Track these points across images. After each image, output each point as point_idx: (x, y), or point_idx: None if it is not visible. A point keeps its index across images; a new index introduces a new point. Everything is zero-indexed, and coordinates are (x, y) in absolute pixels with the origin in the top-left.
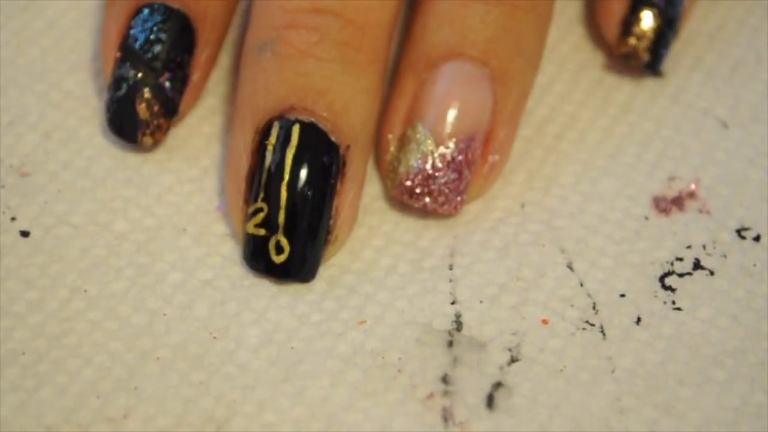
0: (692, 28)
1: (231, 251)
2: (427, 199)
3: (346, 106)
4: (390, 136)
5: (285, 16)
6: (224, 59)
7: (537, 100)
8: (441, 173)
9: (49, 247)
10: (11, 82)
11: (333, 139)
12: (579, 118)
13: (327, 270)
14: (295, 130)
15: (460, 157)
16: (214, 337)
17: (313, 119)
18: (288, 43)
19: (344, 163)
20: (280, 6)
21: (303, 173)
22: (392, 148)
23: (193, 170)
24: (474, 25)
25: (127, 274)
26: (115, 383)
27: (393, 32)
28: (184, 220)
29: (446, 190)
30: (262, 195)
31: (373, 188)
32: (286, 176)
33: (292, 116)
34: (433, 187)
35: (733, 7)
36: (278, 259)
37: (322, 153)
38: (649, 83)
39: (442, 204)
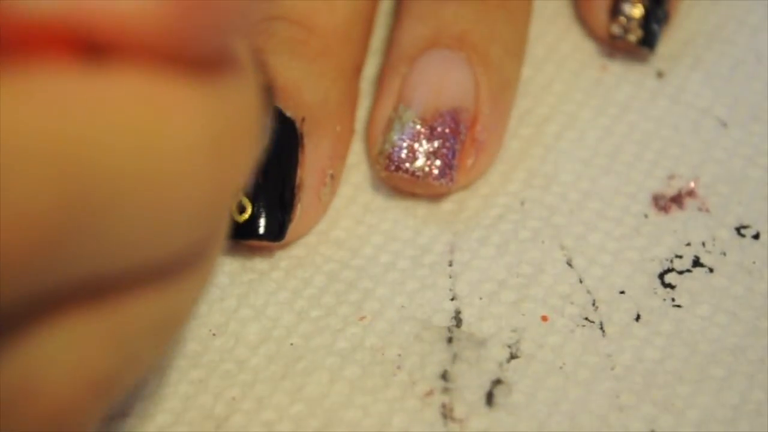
0: (692, 28)
1: (229, 248)
2: (417, 163)
3: (297, 87)
4: (378, 132)
5: None
6: None
7: (537, 100)
8: (425, 140)
9: None
10: None
11: (288, 114)
12: (579, 117)
13: (326, 265)
14: None
15: (442, 128)
16: (213, 334)
17: None
18: None
19: (302, 136)
20: None
21: None
22: (380, 139)
23: None
24: (447, 19)
25: None
26: None
27: (352, 35)
28: None
29: (432, 157)
30: None
31: (371, 187)
32: None
33: None
34: (418, 153)
35: (733, 7)
36: (241, 218)
37: (277, 125)
38: (649, 83)
39: (430, 171)
